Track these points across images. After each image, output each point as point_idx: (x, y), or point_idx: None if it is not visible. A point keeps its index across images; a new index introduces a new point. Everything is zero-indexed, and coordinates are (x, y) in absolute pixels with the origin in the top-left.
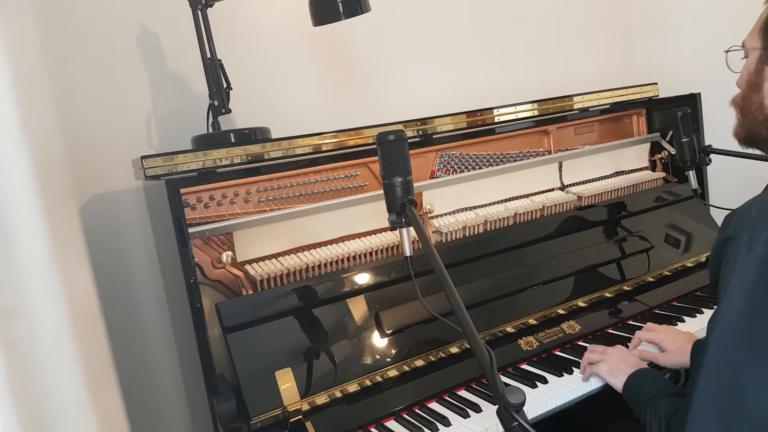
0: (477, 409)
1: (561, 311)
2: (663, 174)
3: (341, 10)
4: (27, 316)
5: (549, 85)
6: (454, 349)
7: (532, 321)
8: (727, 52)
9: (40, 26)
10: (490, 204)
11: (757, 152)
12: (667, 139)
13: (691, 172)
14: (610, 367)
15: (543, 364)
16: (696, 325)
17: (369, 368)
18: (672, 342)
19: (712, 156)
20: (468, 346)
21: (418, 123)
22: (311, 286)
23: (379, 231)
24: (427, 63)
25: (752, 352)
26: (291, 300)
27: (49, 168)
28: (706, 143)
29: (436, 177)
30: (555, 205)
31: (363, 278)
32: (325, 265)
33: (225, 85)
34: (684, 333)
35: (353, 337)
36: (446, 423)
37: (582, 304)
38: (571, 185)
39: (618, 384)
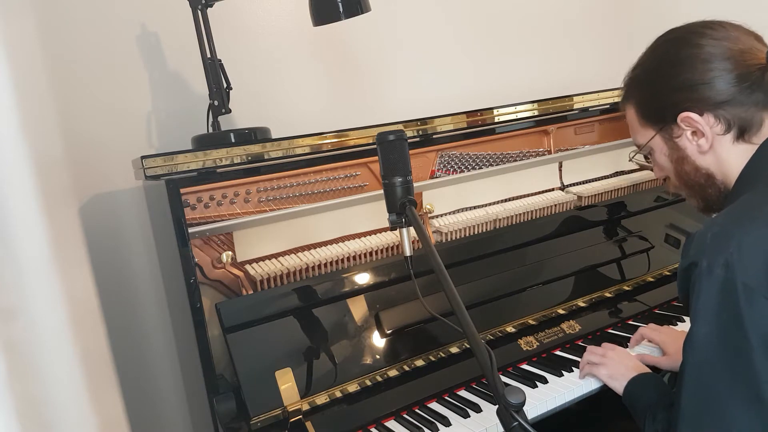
0: (477, 409)
1: (561, 311)
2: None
3: (341, 10)
4: (27, 316)
5: (549, 84)
6: (454, 349)
7: (532, 321)
8: (631, 160)
9: (40, 27)
10: (490, 204)
11: None
12: None
13: None
14: (610, 371)
15: (543, 364)
16: None
17: (369, 368)
18: (674, 345)
19: None
20: (468, 346)
21: (418, 123)
22: (311, 286)
23: (379, 231)
24: (427, 63)
25: (726, 374)
26: (291, 300)
27: (49, 168)
28: None
29: (436, 177)
30: (555, 205)
31: (363, 278)
32: (325, 265)
33: (225, 85)
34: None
35: (353, 337)
36: (446, 423)
37: (582, 304)
38: (571, 185)
39: (618, 388)
